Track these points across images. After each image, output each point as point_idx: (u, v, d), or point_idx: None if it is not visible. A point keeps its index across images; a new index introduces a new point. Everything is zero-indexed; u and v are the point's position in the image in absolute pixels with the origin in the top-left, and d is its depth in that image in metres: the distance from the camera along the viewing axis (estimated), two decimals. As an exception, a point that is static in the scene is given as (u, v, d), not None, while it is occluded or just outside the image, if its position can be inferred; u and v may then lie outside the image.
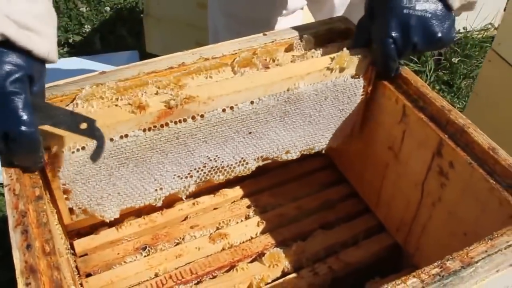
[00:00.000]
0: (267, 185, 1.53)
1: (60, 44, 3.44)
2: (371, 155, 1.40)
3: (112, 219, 1.25)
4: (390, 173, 1.35)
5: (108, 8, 3.76)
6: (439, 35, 1.16)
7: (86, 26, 3.56)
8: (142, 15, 3.11)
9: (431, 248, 1.29)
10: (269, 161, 1.36)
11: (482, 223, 1.12)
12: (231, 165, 1.31)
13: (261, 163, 1.35)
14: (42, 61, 1.04)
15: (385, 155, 1.34)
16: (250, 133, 1.26)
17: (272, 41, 1.35)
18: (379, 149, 1.36)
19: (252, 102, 1.21)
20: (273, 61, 1.31)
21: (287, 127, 1.30)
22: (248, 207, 1.49)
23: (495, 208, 1.07)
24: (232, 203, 1.50)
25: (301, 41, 1.36)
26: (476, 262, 0.90)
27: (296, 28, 1.41)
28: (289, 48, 1.36)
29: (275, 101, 1.23)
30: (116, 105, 1.13)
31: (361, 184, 1.49)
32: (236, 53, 1.31)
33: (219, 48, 1.32)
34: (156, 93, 1.18)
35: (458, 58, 3.49)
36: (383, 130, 1.33)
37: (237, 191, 1.52)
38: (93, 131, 1.04)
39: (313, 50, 1.32)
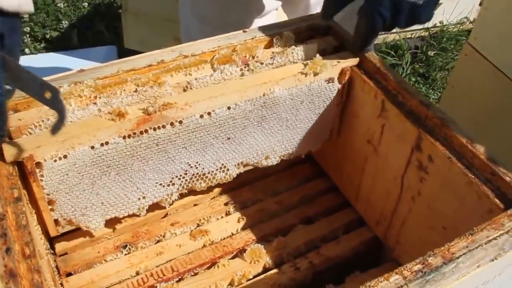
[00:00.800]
0: (246, 179, 1.53)
1: (37, 40, 3.40)
2: (350, 149, 1.40)
3: (98, 229, 1.24)
4: (370, 167, 1.35)
5: (86, 4, 3.71)
6: (423, 20, 1.20)
7: (63, 22, 3.51)
8: (120, 11, 3.08)
9: (411, 242, 1.30)
10: (250, 167, 1.36)
11: (461, 217, 1.13)
12: (212, 171, 1.30)
13: (242, 170, 1.35)
14: (16, 15, 0.99)
15: (364, 149, 1.35)
16: (228, 138, 1.26)
17: (252, 38, 1.35)
18: (358, 143, 1.36)
19: (229, 108, 1.21)
20: (253, 57, 1.30)
21: (265, 132, 1.31)
22: (228, 203, 1.49)
23: (473, 202, 1.09)
24: (212, 199, 1.50)
25: (281, 37, 1.36)
26: (458, 258, 0.90)
27: (276, 25, 1.41)
28: (269, 45, 1.36)
29: (252, 106, 1.23)
30: (98, 113, 1.12)
31: (341, 178, 1.50)
32: (215, 50, 1.31)
33: (198, 45, 1.32)
34: (135, 91, 1.17)
35: (434, 51, 3.52)
36: (362, 124, 1.34)
37: (217, 186, 1.51)
38: (56, 102, 0.99)
39: (293, 46, 1.32)
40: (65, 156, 1.07)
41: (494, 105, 1.85)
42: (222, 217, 1.45)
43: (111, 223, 1.38)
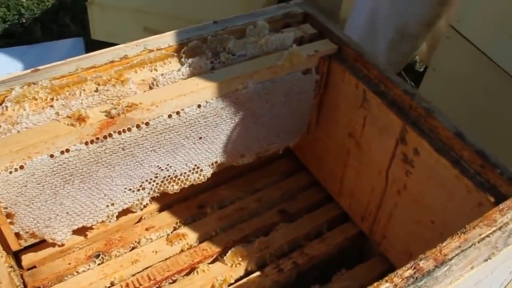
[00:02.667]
0: (224, 177, 1.46)
1: (-2, 35, 3.27)
2: (331, 143, 1.34)
3: (64, 241, 1.17)
4: (352, 160, 1.29)
5: (50, -4, 3.58)
6: None
7: (26, 16, 3.39)
8: (86, 3, 2.97)
9: (398, 236, 1.24)
10: (225, 166, 1.28)
11: (450, 211, 1.07)
12: (185, 173, 1.23)
13: (216, 169, 1.28)
14: None
15: (346, 142, 1.28)
16: (200, 138, 1.19)
17: (223, 29, 1.26)
18: (339, 136, 1.30)
19: (199, 106, 1.13)
20: (224, 49, 1.22)
21: (238, 129, 1.23)
22: (206, 203, 1.41)
23: (463, 196, 1.03)
24: (188, 200, 1.43)
25: (255, 27, 1.28)
26: (450, 260, 0.84)
27: (249, 14, 1.33)
28: (242, 35, 1.28)
29: (224, 102, 1.15)
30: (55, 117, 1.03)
31: (322, 172, 1.44)
32: (183, 43, 1.22)
33: (165, 38, 1.23)
34: (96, 90, 1.08)
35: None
36: (343, 116, 1.27)
37: (193, 186, 1.44)
38: None
39: (267, 36, 1.25)
40: (21, 167, 0.99)
41: (476, 88, 1.79)
42: (199, 218, 1.38)
43: (81, 231, 1.30)
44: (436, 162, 1.06)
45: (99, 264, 1.27)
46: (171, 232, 1.34)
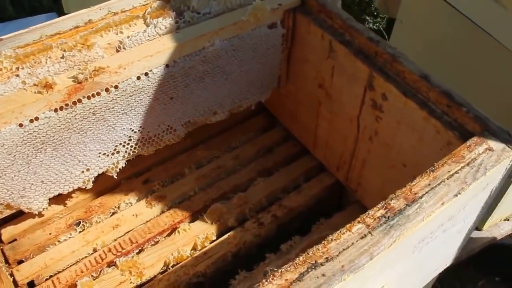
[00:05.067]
0: (200, 138, 1.47)
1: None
2: (303, 96, 1.34)
3: (41, 210, 1.17)
4: (324, 111, 1.30)
5: (18, -28, 3.50)
6: None
7: (-5, -7, 3.32)
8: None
9: (372, 182, 1.26)
10: (199, 125, 1.29)
11: (420, 153, 1.09)
12: (158, 134, 1.23)
13: (190, 129, 1.28)
14: None
15: (317, 93, 1.29)
16: (171, 98, 1.18)
17: (186, -13, 1.26)
18: (310, 88, 1.30)
19: (167, 66, 1.12)
20: (188, 8, 1.22)
21: (209, 87, 1.23)
22: (183, 163, 1.42)
23: (431, 137, 1.05)
24: (166, 162, 1.43)
25: (218, -18, 1.27)
26: (421, 198, 0.86)
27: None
28: (205, -7, 1.27)
29: (192, 61, 1.15)
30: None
31: (296, 126, 1.45)
32: (147, 4, 1.21)
33: (128, 0, 1.22)
34: (62, 57, 1.08)
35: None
36: (311, 68, 1.27)
37: (170, 147, 1.43)
38: None
39: (229, -7, 1.24)
40: (-10, 138, 0.99)
41: (442, 37, 1.80)
42: (177, 179, 1.39)
43: (60, 200, 1.31)
44: (404, 105, 1.07)
45: (80, 232, 1.27)
46: (151, 195, 1.35)
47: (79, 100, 1.05)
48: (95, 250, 1.23)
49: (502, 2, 1.57)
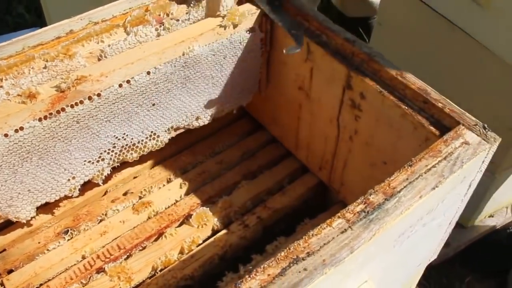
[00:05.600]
0: (184, 143, 1.48)
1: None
2: (283, 99, 1.37)
3: (29, 219, 1.18)
4: (305, 113, 1.32)
5: (1, -12, 3.51)
6: None
7: (-23, 10, 3.33)
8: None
9: (355, 181, 1.28)
10: (182, 130, 1.31)
11: (400, 150, 1.11)
12: (142, 140, 1.25)
13: (173, 134, 1.30)
14: None
15: (297, 96, 1.31)
16: (153, 104, 1.20)
17: (165, -5, 1.28)
18: (290, 91, 1.33)
19: (148, 73, 1.14)
20: (168, 15, 1.24)
21: (191, 92, 1.25)
22: (169, 169, 1.44)
23: (410, 133, 1.07)
24: (151, 168, 1.45)
25: (196, -11, 1.29)
26: (399, 192, 0.89)
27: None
28: (184, 0, 1.29)
29: (172, 67, 1.17)
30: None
31: (278, 129, 1.47)
32: (127, 13, 1.24)
33: (108, 9, 1.24)
34: (45, 67, 1.09)
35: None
36: (290, 71, 1.30)
37: (155, 154, 1.46)
38: None
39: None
40: (-22, 149, 1.00)
41: (422, 38, 1.83)
42: (163, 185, 1.41)
43: (48, 209, 1.32)
44: (382, 103, 1.10)
45: (68, 240, 1.28)
46: (137, 201, 1.36)
47: (63, 109, 1.06)
48: (83, 257, 1.24)
49: (479, 1, 1.60)
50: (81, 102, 1.08)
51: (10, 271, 1.22)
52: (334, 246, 0.80)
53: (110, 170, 1.25)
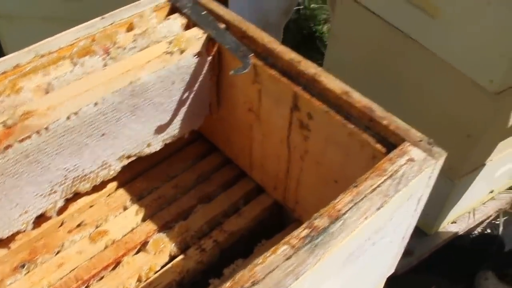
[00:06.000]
0: (139, 169, 1.47)
1: None
2: (235, 120, 1.37)
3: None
4: (256, 134, 1.33)
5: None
6: None
7: None
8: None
9: (309, 200, 1.29)
10: (134, 158, 1.30)
11: (349, 168, 1.13)
12: (94, 171, 1.24)
13: (125, 162, 1.29)
14: None
15: (247, 117, 1.32)
16: (103, 135, 1.19)
17: (111, 23, 1.27)
18: (241, 113, 1.33)
19: (96, 104, 1.13)
20: (114, 44, 1.24)
21: (141, 120, 1.25)
22: (125, 197, 1.43)
23: (357, 152, 1.08)
24: (107, 196, 1.44)
25: (141, 17, 1.29)
26: (344, 214, 0.89)
27: (136, 4, 1.34)
28: (130, 28, 1.29)
29: (120, 97, 1.16)
30: None
31: (232, 150, 1.47)
32: (74, 44, 1.23)
33: (55, 41, 1.23)
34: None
35: (318, 5, 3.51)
36: (240, 93, 1.30)
37: (111, 182, 1.45)
38: None
39: (154, 25, 1.26)
40: None
41: (376, 50, 1.85)
42: (120, 213, 1.39)
43: (4, 244, 1.29)
44: (329, 123, 1.11)
45: (26, 274, 1.26)
46: (93, 231, 1.35)
47: (10, 145, 1.05)
48: (41, 291, 1.22)
49: (428, 11, 1.62)
50: (29, 137, 1.07)
51: (-37, 313, 1.20)
52: (279, 273, 0.81)
53: (64, 202, 1.24)
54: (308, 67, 1.15)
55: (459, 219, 2.03)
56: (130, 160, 1.30)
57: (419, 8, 1.63)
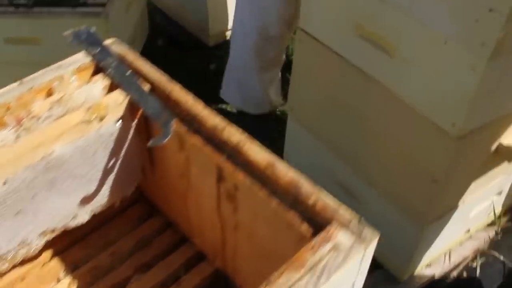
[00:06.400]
0: (77, 235, 1.38)
1: None
2: (169, 185, 1.28)
3: None
4: (190, 201, 1.24)
5: None
6: None
7: None
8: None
9: (247, 271, 1.20)
10: (60, 231, 1.21)
11: (279, 245, 1.03)
12: (12, 249, 1.15)
13: (50, 237, 1.21)
14: None
15: (180, 183, 1.22)
16: (18, 212, 1.10)
17: (30, 89, 1.17)
18: (173, 178, 1.24)
19: (4, 183, 1.05)
20: (29, 114, 1.14)
21: (61, 194, 1.16)
22: (59, 267, 1.33)
23: (284, 231, 0.99)
24: (42, 266, 1.34)
25: (61, 81, 1.20)
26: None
27: (58, 65, 1.24)
28: (50, 92, 1.20)
29: (33, 172, 1.08)
30: None
31: (173, 213, 1.38)
32: (-16, 115, 1.14)
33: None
34: None
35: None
36: (170, 158, 1.21)
37: (47, 250, 1.35)
38: None
39: (73, 90, 1.17)
40: None
41: (338, 90, 1.75)
42: (52, 285, 1.30)
43: None
44: (254, 197, 1.01)
45: None
46: (23, 308, 1.26)
47: None
48: None
49: (386, 48, 1.53)
50: None
51: None
52: None
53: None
54: (232, 134, 1.06)
55: (435, 262, 1.90)
56: (55, 234, 1.21)
57: (377, 45, 1.53)
